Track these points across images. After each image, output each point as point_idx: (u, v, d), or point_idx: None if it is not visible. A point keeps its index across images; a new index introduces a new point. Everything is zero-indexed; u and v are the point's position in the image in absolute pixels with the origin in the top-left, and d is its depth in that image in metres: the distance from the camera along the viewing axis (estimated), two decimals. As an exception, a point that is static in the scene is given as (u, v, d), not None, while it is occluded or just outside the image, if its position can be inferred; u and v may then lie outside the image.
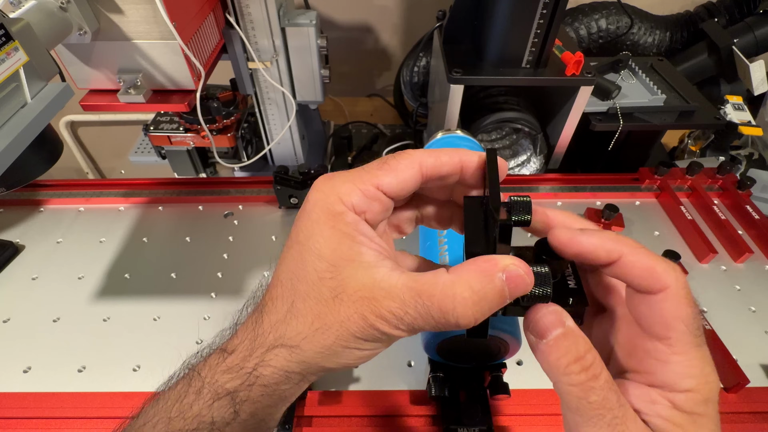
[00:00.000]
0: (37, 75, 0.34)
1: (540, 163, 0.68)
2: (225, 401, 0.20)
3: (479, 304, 0.18)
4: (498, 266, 0.18)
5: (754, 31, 0.74)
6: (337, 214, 0.20)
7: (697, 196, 0.61)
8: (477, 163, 0.22)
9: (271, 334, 0.21)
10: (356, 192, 0.20)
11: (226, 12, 0.53)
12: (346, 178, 0.21)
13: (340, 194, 0.20)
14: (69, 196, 0.62)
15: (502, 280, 0.18)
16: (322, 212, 0.20)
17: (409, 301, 0.18)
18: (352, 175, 0.21)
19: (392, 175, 0.21)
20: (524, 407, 0.40)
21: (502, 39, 0.57)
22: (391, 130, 0.93)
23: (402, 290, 0.19)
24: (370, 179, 0.21)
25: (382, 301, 0.19)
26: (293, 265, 0.21)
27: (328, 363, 0.20)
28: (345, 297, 0.19)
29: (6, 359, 0.45)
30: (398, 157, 0.21)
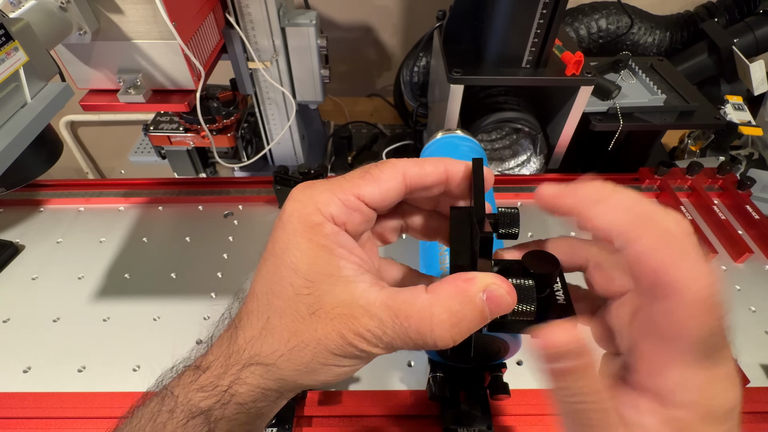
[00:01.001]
0: (37, 75, 0.34)
1: (540, 163, 0.68)
2: (199, 420, 0.20)
3: (458, 326, 0.18)
4: (478, 285, 0.18)
5: (754, 31, 0.74)
6: (315, 225, 0.19)
7: (697, 196, 0.61)
8: (463, 173, 0.21)
9: (246, 351, 0.20)
10: (335, 202, 0.20)
11: (226, 12, 0.53)
12: (325, 188, 0.20)
13: (319, 204, 0.19)
14: (69, 196, 0.62)
15: (483, 300, 0.17)
16: (298, 223, 0.19)
17: (387, 320, 0.18)
18: (331, 184, 0.20)
19: (374, 185, 0.20)
20: (524, 407, 0.40)
21: (502, 39, 0.57)
22: (391, 130, 0.93)
23: (380, 308, 0.18)
24: (351, 189, 0.20)
25: (360, 319, 0.18)
26: (269, 278, 0.20)
27: (306, 380, 0.20)
28: (322, 314, 0.18)
29: (6, 359, 0.45)
30: (381, 166, 0.21)
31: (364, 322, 0.18)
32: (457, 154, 0.48)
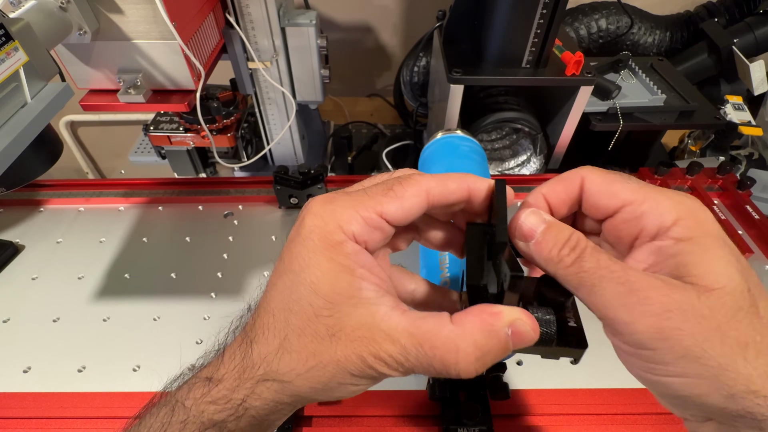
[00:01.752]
0: (37, 75, 0.34)
1: (540, 163, 0.68)
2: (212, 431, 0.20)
3: (482, 359, 0.18)
4: (504, 321, 0.18)
5: (754, 31, 0.74)
6: (337, 243, 0.19)
7: (697, 196, 0.61)
8: (486, 192, 0.21)
9: (261, 367, 0.20)
10: (358, 220, 0.19)
11: (226, 12, 0.53)
12: (347, 204, 0.19)
13: (341, 222, 0.19)
14: (69, 196, 0.62)
15: (508, 335, 0.18)
16: (320, 241, 0.19)
17: (410, 348, 0.18)
18: (353, 200, 0.20)
19: (397, 203, 0.20)
20: (524, 407, 0.40)
21: (502, 39, 0.57)
22: (391, 130, 0.93)
23: (403, 335, 0.18)
24: (374, 207, 0.19)
25: (381, 344, 0.18)
26: (287, 295, 0.19)
27: (320, 396, 0.20)
28: (342, 336, 0.18)
29: (6, 359, 0.45)
30: (405, 183, 0.20)
31: (385, 347, 0.18)
32: (457, 154, 0.48)
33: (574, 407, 0.40)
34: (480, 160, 0.48)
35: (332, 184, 0.62)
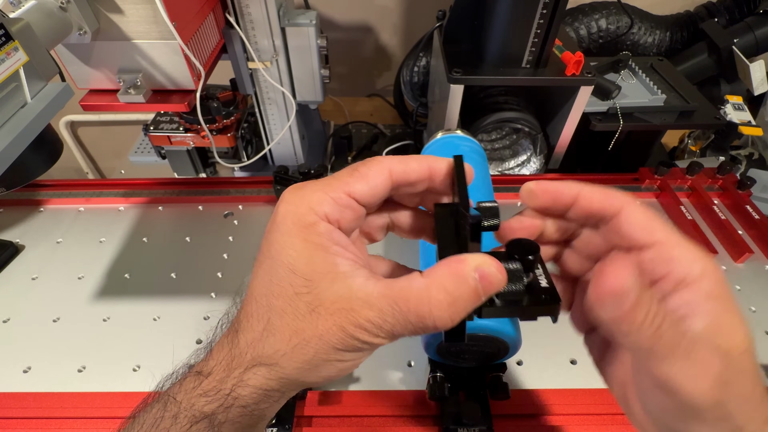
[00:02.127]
0: (37, 75, 0.34)
1: (540, 163, 0.68)
2: (203, 424, 0.20)
3: (455, 305, 0.18)
4: (470, 265, 0.18)
5: (754, 31, 0.74)
6: (309, 224, 0.20)
7: (697, 196, 0.61)
8: (446, 169, 0.22)
9: (248, 353, 0.20)
10: (327, 200, 0.20)
11: (226, 12, 0.53)
12: (316, 188, 0.21)
13: (311, 204, 0.20)
14: (69, 196, 0.62)
15: (476, 279, 0.18)
16: (293, 224, 0.20)
17: (386, 308, 0.18)
18: (321, 183, 0.21)
19: (363, 181, 0.21)
20: (524, 407, 0.40)
21: (502, 39, 0.57)
22: (391, 130, 0.93)
23: (378, 298, 0.19)
24: (341, 187, 0.20)
25: (360, 311, 0.19)
26: (267, 280, 0.20)
27: (309, 377, 0.20)
28: (322, 310, 0.19)
29: (6, 359, 0.45)
30: (368, 163, 0.21)
31: (363, 314, 0.18)
32: (457, 154, 0.48)
33: (574, 407, 0.40)
34: (480, 160, 0.48)
35: (332, 184, 0.62)
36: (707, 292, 0.18)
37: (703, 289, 0.18)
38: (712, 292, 0.18)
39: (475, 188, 0.44)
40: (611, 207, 0.20)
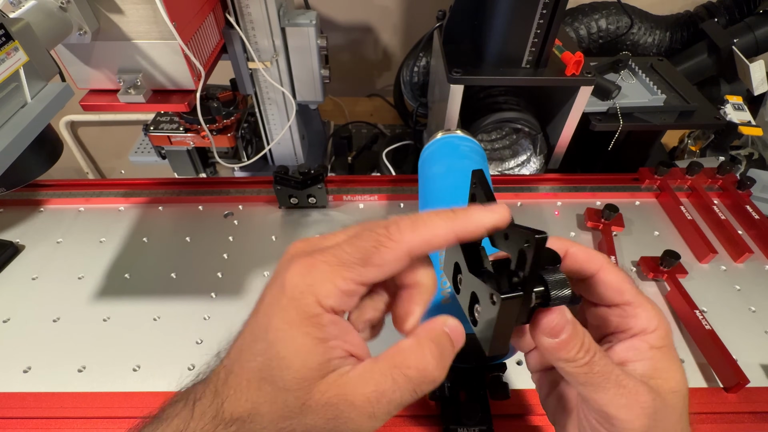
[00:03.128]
0: (37, 75, 0.34)
1: (540, 163, 0.68)
2: None
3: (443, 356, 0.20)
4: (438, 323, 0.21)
5: (754, 31, 0.74)
6: (313, 316, 0.19)
7: (697, 196, 0.61)
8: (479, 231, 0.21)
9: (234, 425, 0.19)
10: (336, 293, 0.20)
11: (226, 12, 0.53)
12: (326, 276, 0.19)
13: (319, 297, 0.19)
14: (69, 196, 0.62)
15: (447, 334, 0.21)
16: (297, 314, 0.19)
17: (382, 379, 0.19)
18: (331, 269, 0.20)
19: (377, 270, 0.20)
20: (524, 407, 0.40)
21: (502, 39, 0.57)
22: (391, 130, 0.93)
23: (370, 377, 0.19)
24: (353, 277, 0.20)
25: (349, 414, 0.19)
26: (260, 362, 0.20)
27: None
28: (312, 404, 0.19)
29: (6, 359, 0.45)
30: (384, 251, 0.20)
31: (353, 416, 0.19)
32: (457, 154, 0.48)
33: (574, 407, 0.40)
34: (480, 160, 0.48)
35: (332, 184, 0.62)
36: (652, 343, 0.22)
37: (649, 341, 0.22)
38: (657, 344, 0.22)
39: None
40: (591, 267, 0.23)
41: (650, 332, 0.22)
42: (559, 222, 0.59)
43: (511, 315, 0.20)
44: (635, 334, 0.23)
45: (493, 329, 0.20)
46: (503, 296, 0.19)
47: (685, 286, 0.49)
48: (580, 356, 0.21)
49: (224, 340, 0.23)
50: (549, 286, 0.20)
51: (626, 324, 0.23)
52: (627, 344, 0.23)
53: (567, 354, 0.21)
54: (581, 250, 0.24)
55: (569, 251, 0.23)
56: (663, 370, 0.22)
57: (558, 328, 0.21)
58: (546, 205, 0.61)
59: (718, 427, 0.40)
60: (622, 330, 0.23)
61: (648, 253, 0.52)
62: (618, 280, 0.23)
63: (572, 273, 0.24)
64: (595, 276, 0.23)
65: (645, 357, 0.22)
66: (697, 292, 0.49)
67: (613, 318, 0.23)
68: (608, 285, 0.23)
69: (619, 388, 0.21)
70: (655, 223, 0.59)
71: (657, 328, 0.22)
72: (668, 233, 0.58)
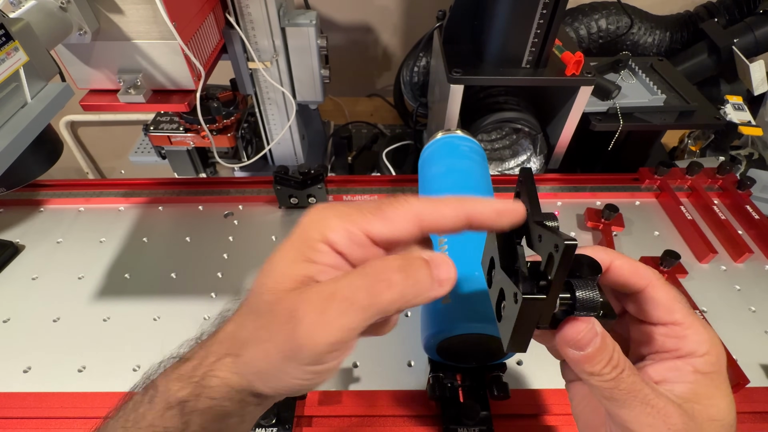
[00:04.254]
0: (37, 75, 0.34)
1: (540, 163, 0.68)
2: (175, 411, 0.20)
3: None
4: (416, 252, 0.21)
5: (754, 31, 0.74)
6: (309, 240, 0.20)
7: (697, 196, 0.61)
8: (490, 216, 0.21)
9: (225, 342, 0.21)
10: (341, 231, 0.20)
11: (226, 12, 0.53)
12: (338, 213, 0.20)
13: (323, 228, 0.20)
14: (69, 196, 0.62)
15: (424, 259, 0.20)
16: (298, 237, 0.21)
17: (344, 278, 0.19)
18: (347, 211, 0.20)
19: (384, 223, 0.20)
20: (524, 407, 0.40)
21: (502, 39, 0.57)
22: (391, 130, 0.93)
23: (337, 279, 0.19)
24: (361, 222, 0.20)
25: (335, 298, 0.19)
26: (261, 280, 0.21)
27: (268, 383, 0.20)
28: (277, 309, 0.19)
29: (6, 359, 0.45)
30: (395, 204, 0.21)
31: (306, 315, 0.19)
32: (457, 154, 0.48)
33: (574, 407, 0.40)
34: (480, 160, 0.48)
35: (332, 184, 0.62)
36: (698, 368, 0.21)
37: (695, 364, 0.21)
38: (703, 369, 0.21)
39: (475, 188, 0.44)
40: (638, 282, 0.22)
41: (698, 356, 0.21)
42: (559, 222, 0.59)
43: (532, 316, 0.20)
44: (681, 355, 0.22)
45: (512, 327, 0.20)
46: (525, 296, 0.19)
47: (685, 286, 0.49)
48: (606, 371, 0.20)
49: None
50: (576, 295, 0.20)
51: (673, 344, 0.22)
52: (670, 364, 0.22)
53: (592, 368, 0.20)
54: (627, 263, 0.23)
55: (614, 263, 0.23)
56: (705, 396, 0.21)
57: (584, 340, 0.20)
58: (546, 205, 0.61)
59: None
60: (667, 350, 0.22)
61: (648, 253, 0.52)
62: (668, 297, 0.22)
63: (617, 286, 0.23)
64: (643, 292, 0.22)
65: (687, 380, 0.21)
66: (697, 292, 0.49)
67: (658, 336, 0.22)
68: (656, 302, 0.22)
69: (646, 407, 0.20)
70: (655, 223, 0.59)
71: (707, 353, 0.21)
72: (668, 233, 0.58)
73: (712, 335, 0.22)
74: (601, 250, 0.23)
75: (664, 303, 0.22)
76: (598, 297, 0.20)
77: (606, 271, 0.23)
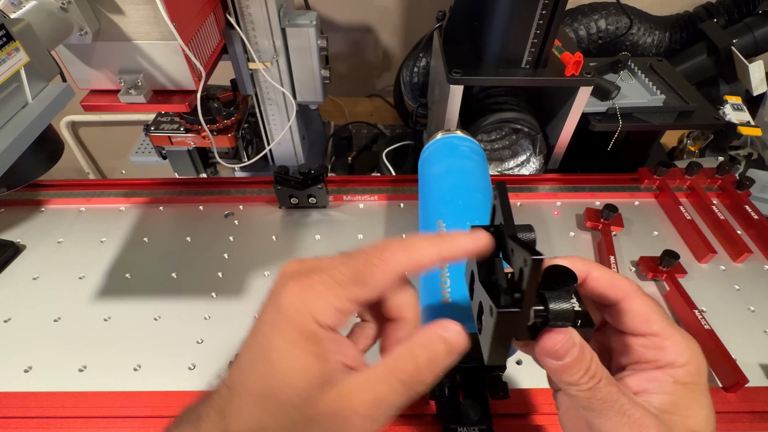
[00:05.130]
0: (38, 75, 0.34)
1: (539, 163, 0.69)
2: None
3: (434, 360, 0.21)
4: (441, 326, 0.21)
5: (753, 32, 0.74)
6: (311, 335, 0.20)
7: (696, 196, 0.61)
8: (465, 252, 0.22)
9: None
10: (330, 312, 0.20)
11: (227, 12, 0.53)
12: (321, 295, 0.20)
13: (316, 314, 0.20)
14: (70, 196, 0.62)
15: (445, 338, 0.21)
16: (296, 332, 0.20)
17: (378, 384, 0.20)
18: (326, 288, 0.20)
19: (369, 289, 0.21)
20: (524, 407, 0.40)
21: (502, 39, 0.57)
22: (391, 131, 0.93)
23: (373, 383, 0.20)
24: (347, 296, 0.20)
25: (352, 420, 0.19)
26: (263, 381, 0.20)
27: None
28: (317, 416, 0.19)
29: (7, 359, 0.45)
30: (374, 269, 0.21)
31: (356, 423, 0.19)
32: (457, 154, 0.48)
33: (573, 406, 0.40)
34: (479, 161, 0.48)
35: (332, 184, 0.62)
36: (678, 378, 0.21)
37: (675, 375, 0.21)
38: (683, 379, 0.21)
39: (474, 188, 0.44)
40: (615, 294, 0.23)
41: (678, 366, 0.21)
42: (558, 222, 0.59)
43: (508, 330, 0.20)
44: (661, 366, 0.22)
45: (490, 340, 0.21)
46: (499, 310, 0.20)
47: (685, 285, 0.49)
48: (583, 381, 0.20)
49: (224, 341, 0.23)
50: (549, 307, 0.20)
51: (652, 355, 0.22)
52: (649, 375, 0.22)
53: (570, 378, 0.20)
54: (605, 274, 0.23)
55: (591, 274, 0.23)
56: (684, 408, 0.21)
57: (562, 351, 0.20)
58: (545, 205, 0.62)
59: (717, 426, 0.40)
60: (647, 360, 0.22)
61: (647, 253, 0.52)
62: (645, 309, 0.22)
63: (594, 297, 0.23)
64: (620, 303, 0.23)
65: (665, 391, 0.21)
66: (697, 292, 0.49)
67: (638, 347, 0.23)
68: (634, 314, 0.22)
69: (622, 417, 0.20)
70: (655, 223, 0.59)
71: (686, 364, 0.21)
72: (667, 233, 0.58)
73: (692, 346, 0.22)
74: (578, 261, 0.23)
75: (641, 315, 0.22)
76: (571, 308, 0.20)
77: (582, 282, 0.23)
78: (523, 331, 0.21)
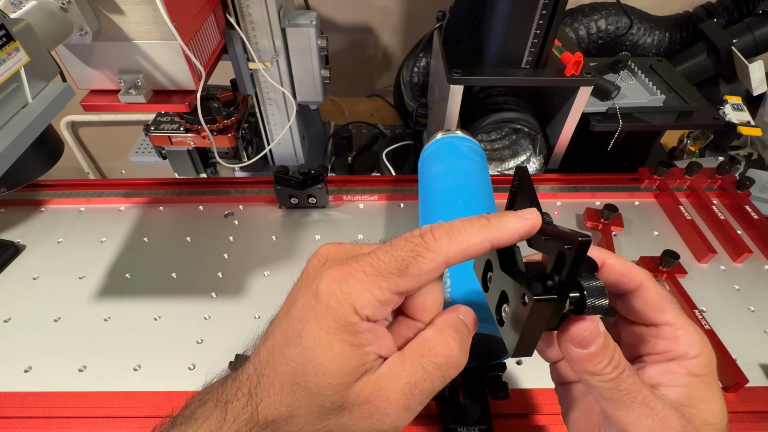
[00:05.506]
0: (38, 75, 0.34)
1: (539, 163, 0.69)
2: None
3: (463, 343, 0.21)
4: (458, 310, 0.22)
5: (753, 32, 0.74)
6: (350, 324, 0.19)
7: (696, 196, 0.61)
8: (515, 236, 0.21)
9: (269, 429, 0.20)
10: (373, 304, 0.19)
11: (227, 12, 0.53)
12: (363, 285, 0.19)
13: (356, 305, 0.19)
14: (70, 196, 0.62)
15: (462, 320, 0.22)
16: (333, 321, 0.19)
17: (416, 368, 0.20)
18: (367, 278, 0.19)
19: (414, 280, 0.20)
20: (524, 407, 0.40)
21: (502, 39, 0.57)
22: (391, 130, 0.93)
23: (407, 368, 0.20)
24: (390, 287, 0.19)
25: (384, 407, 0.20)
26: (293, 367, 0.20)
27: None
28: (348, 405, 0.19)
29: (7, 359, 0.45)
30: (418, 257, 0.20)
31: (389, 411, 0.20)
32: (457, 154, 0.48)
33: (573, 407, 0.40)
34: (480, 161, 0.48)
35: (332, 184, 0.62)
36: (691, 370, 0.21)
37: (689, 367, 0.21)
38: (696, 371, 0.21)
39: (474, 188, 0.44)
40: (630, 282, 0.22)
41: (690, 358, 0.21)
42: (558, 222, 0.58)
43: (542, 318, 0.19)
44: (673, 357, 0.21)
45: (521, 331, 0.20)
46: (536, 297, 0.18)
47: (685, 285, 0.49)
48: (607, 371, 0.20)
49: (224, 341, 0.23)
50: (586, 294, 0.19)
51: (664, 346, 0.22)
52: (663, 367, 0.21)
53: (594, 367, 0.20)
54: (619, 262, 0.22)
55: (606, 262, 0.22)
56: (700, 400, 0.21)
57: (589, 338, 0.20)
58: (546, 205, 0.62)
59: (717, 426, 0.40)
60: (659, 352, 0.22)
61: (647, 253, 0.52)
62: (659, 298, 0.22)
63: (608, 286, 0.23)
64: (634, 292, 0.22)
65: (681, 383, 0.21)
66: (697, 292, 0.49)
67: (649, 338, 0.22)
68: (648, 302, 0.22)
69: (646, 409, 0.20)
70: (655, 223, 0.59)
71: (698, 355, 0.21)
72: (667, 233, 0.58)
73: (702, 337, 0.22)
74: (593, 249, 0.22)
75: (655, 303, 0.22)
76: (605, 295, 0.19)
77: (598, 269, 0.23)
78: (555, 319, 0.20)
